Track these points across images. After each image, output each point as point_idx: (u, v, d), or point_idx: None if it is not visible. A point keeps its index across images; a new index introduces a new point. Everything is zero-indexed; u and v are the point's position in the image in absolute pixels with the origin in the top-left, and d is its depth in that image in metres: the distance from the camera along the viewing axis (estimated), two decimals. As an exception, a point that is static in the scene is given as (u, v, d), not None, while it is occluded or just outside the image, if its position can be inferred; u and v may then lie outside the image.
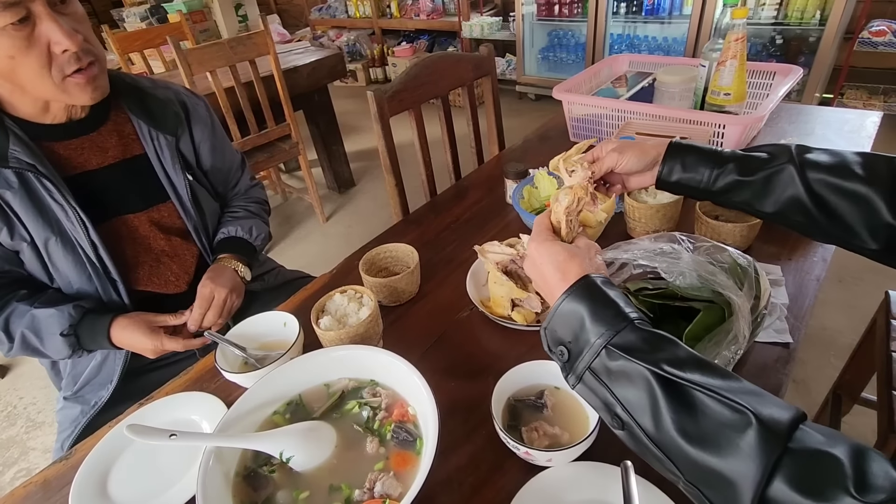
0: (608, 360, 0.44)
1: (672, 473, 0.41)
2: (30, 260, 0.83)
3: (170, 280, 0.95)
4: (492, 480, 0.58)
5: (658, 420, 0.40)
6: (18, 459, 1.66)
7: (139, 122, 0.89)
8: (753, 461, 0.35)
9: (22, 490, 0.65)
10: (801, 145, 0.59)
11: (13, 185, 0.77)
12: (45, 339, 0.82)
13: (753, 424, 0.36)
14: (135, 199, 0.91)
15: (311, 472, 0.57)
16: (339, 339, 0.70)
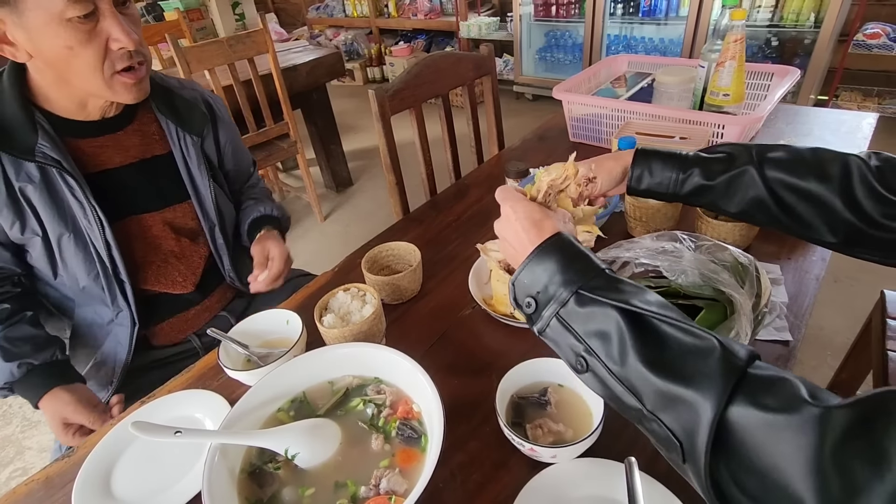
0: (577, 305, 0.45)
1: (633, 408, 0.42)
2: (38, 254, 0.83)
3: (177, 280, 0.95)
4: (496, 477, 0.58)
5: (624, 354, 0.42)
6: (14, 459, 1.65)
7: (167, 121, 0.90)
8: (715, 384, 0.37)
9: (24, 488, 0.65)
10: (760, 145, 0.62)
11: (34, 179, 0.77)
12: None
13: (717, 350, 0.39)
14: (151, 199, 0.91)
15: (317, 468, 0.57)
16: (342, 337, 0.70)
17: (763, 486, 0.35)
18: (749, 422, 0.35)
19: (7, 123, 0.75)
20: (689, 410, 0.38)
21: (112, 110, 0.85)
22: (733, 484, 0.36)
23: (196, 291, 0.98)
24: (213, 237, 0.98)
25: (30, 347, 0.83)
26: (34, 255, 0.84)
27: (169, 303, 0.96)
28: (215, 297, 1.03)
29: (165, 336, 0.98)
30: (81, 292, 0.88)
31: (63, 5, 0.66)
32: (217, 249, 1.00)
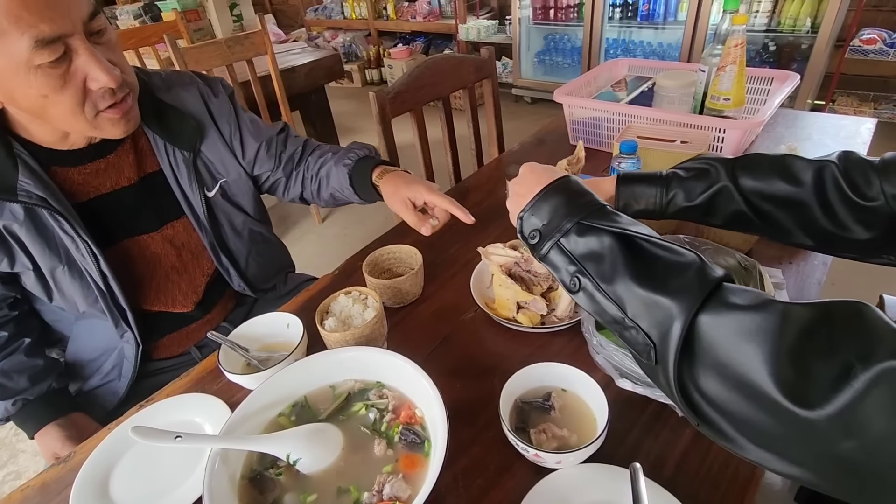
0: (577, 234, 0.50)
1: (616, 318, 0.46)
2: (32, 283, 0.80)
3: (177, 298, 0.91)
4: (500, 483, 0.58)
5: (613, 272, 0.47)
6: (7, 462, 1.63)
7: (154, 136, 0.83)
8: (690, 291, 0.41)
9: (19, 494, 0.63)
10: (735, 159, 0.66)
11: (19, 216, 0.73)
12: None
13: (696, 263, 0.44)
14: (148, 219, 0.86)
15: (319, 474, 0.56)
16: (344, 341, 0.69)
17: (726, 383, 0.38)
18: (716, 323, 0.39)
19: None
20: (664, 314, 0.42)
21: (98, 137, 0.78)
22: (698, 386, 0.40)
23: (197, 308, 0.94)
24: (214, 252, 0.92)
25: (26, 379, 0.82)
26: (28, 284, 0.81)
27: (169, 320, 0.93)
28: (216, 311, 0.99)
29: (165, 350, 0.95)
30: (81, 315, 0.86)
31: (29, 53, 0.59)
32: (221, 261, 0.94)
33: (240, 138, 0.93)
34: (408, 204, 0.84)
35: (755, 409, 0.36)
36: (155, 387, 0.77)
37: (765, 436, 0.37)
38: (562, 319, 0.75)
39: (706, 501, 0.53)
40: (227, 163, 0.92)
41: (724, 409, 0.39)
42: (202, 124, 0.89)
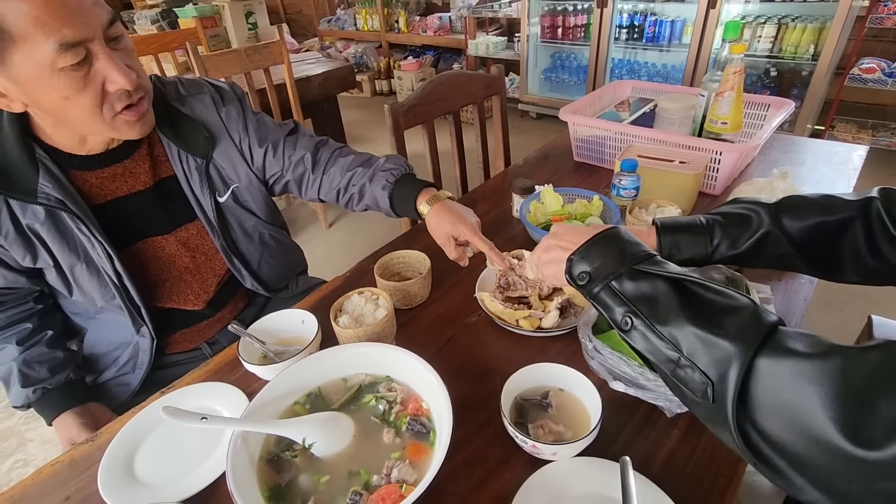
0: (628, 278, 0.53)
1: (670, 358, 0.48)
2: (53, 278, 0.85)
3: (189, 298, 0.95)
4: (498, 473, 0.62)
5: (668, 313, 0.48)
6: (16, 450, 1.67)
7: (169, 143, 0.87)
8: (748, 333, 0.43)
9: (49, 468, 0.68)
10: (777, 203, 0.67)
11: (40, 217, 0.77)
12: (9, 391, 0.88)
13: (751, 307, 0.45)
14: (162, 222, 0.90)
15: (332, 458, 0.61)
16: (356, 337, 0.74)
17: (786, 424, 0.39)
18: (776, 365, 0.40)
19: (8, 165, 0.74)
20: (722, 354, 0.43)
21: (115, 142, 0.83)
22: (757, 427, 0.41)
23: (208, 307, 0.98)
24: (226, 254, 0.96)
25: (46, 370, 0.87)
26: (50, 279, 0.85)
27: (181, 317, 0.97)
28: (227, 310, 1.04)
29: (177, 345, 1.00)
30: (99, 310, 0.90)
31: (53, 56, 0.63)
32: (234, 263, 0.98)
33: (248, 144, 0.96)
34: (451, 240, 0.87)
35: (816, 451, 0.37)
36: (167, 380, 0.82)
37: (825, 477, 0.37)
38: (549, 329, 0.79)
39: (690, 496, 0.57)
40: (238, 169, 0.95)
41: (783, 450, 0.39)
42: (214, 133, 0.92)
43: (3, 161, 0.74)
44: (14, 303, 0.88)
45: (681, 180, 1.07)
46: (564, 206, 1.08)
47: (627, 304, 0.51)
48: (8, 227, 0.77)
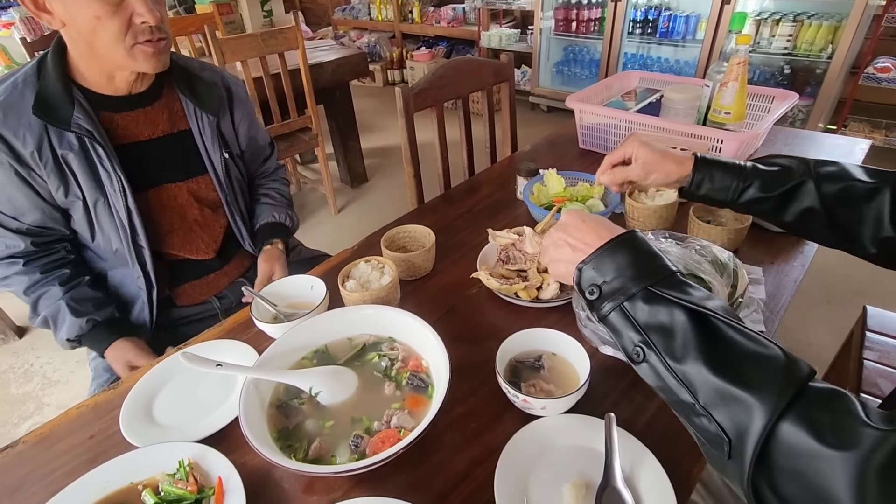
0: (643, 301, 0.47)
1: (684, 403, 0.44)
2: (79, 217, 0.92)
3: (200, 247, 1.05)
4: (491, 427, 0.66)
5: (685, 351, 0.43)
6: (33, 414, 1.74)
7: (187, 101, 0.98)
8: (774, 391, 0.39)
9: (75, 411, 0.73)
10: (817, 160, 0.67)
11: (74, 147, 0.86)
12: (57, 331, 0.94)
13: (781, 359, 0.40)
14: (177, 171, 1.00)
15: (336, 406, 0.65)
16: (362, 301, 0.78)
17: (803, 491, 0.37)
18: (800, 433, 0.37)
19: (50, 97, 0.83)
20: (744, 411, 0.39)
21: (138, 86, 0.92)
22: (773, 488, 0.38)
23: (216, 258, 1.08)
24: (230, 208, 1.07)
25: (92, 306, 0.94)
26: (76, 219, 0.92)
27: (192, 268, 1.07)
28: (234, 265, 1.14)
29: (188, 297, 1.08)
30: (114, 255, 0.97)
31: None
32: (234, 220, 1.09)
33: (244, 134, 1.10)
34: None
35: None
36: (180, 335, 0.88)
37: None
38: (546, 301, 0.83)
39: (670, 452, 0.61)
40: (232, 142, 1.08)
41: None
42: (224, 97, 1.04)
43: (46, 94, 0.83)
44: (49, 250, 0.94)
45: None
46: (567, 189, 1.11)
47: (640, 332, 0.47)
48: (47, 157, 0.85)
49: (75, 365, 1.93)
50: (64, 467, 0.65)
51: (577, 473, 0.58)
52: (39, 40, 2.48)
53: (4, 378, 1.90)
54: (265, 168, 1.22)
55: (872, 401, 1.01)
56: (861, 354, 1.09)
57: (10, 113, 0.82)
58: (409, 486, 0.60)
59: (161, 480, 0.60)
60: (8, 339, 2.05)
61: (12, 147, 0.82)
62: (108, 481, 0.60)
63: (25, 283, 0.91)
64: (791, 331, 1.85)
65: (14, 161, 0.83)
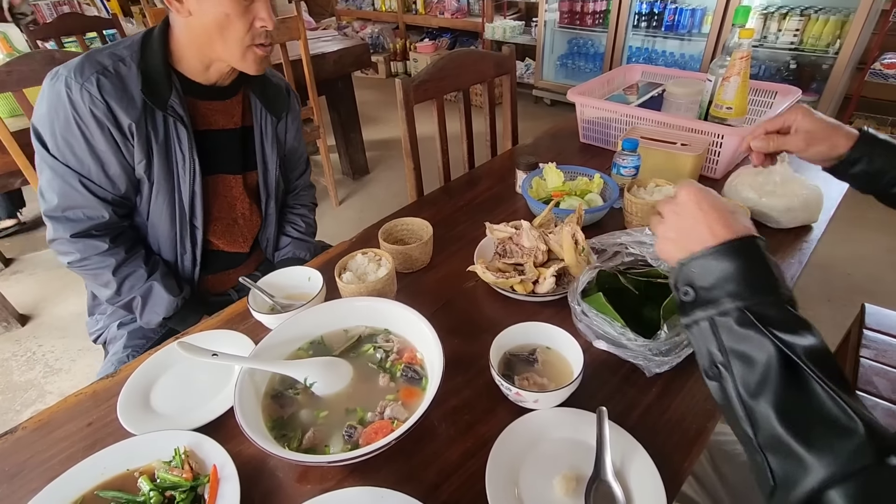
0: (736, 322, 0.44)
1: (743, 433, 0.43)
2: (145, 192, 0.94)
3: (238, 241, 1.09)
4: (484, 419, 0.67)
5: (760, 389, 0.41)
6: (35, 401, 1.76)
7: (256, 101, 1.03)
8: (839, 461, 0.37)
9: (74, 398, 0.74)
10: None
11: (159, 126, 0.90)
12: (146, 310, 0.97)
13: (861, 434, 0.37)
14: (236, 163, 1.04)
15: (331, 396, 0.66)
16: (358, 293, 0.79)
17: None
18: None
19: (154, 76, 0.88)
20: (799, 467, 0.38)
21: (227, 79, 0.97)
22: None
23: (249, 253, 1.13)
24: (267, 207, 1.12)
25: (175, 284, 0.99)
26: (143, 194, 0.94)
27: (224, 259, 1.10)
28: (254, 258, 1.18)
29: (211, 286, 1.11)
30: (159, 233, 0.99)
31: None
32: (267, 217, 1.13)
33: (290, 141, 1.15)
34: None
35: None
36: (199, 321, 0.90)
37: None
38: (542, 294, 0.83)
39: (661, 446, 0.61)
40: (282, 147, 1.13)
41: None
42: (287, 103, 1.10)
43: (151, 75, 0.88)
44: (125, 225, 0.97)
45: (681, 162, 1.09)
46: (566, 183, 1.11)
47: (723, 353, 0.44)
48: (142, 131, 0.88)
49: (77, 353, 1.94)
50: (62, 454, 0.66)
51: (567, 466, 0.59)
52: (41, 28, 2.47)
53: (7, 365, 1.92)
54: (298, 183, 1.24)
55: (867, 399, 1.01)
56: (858, 353, 1.09)
57: (116, 84, 0.85)
58: (402, 476, 0.60)
59: (157, 468, 0.60)
60: (11, 327, 2.07)
61: (115, 115, 0.85)
62: (105, 468, 0.61)
63: (114, 263, 0.94)
64: (790, 328, 1.84)
65: (114, 128, 0.86)
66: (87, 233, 0.92)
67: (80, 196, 0.89)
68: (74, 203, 0.90)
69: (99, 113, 0.84)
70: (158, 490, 0.57)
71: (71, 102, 0.83)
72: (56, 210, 0.90)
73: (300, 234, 1.21)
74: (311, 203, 1.27)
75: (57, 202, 0.89)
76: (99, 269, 0.93)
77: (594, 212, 1.00)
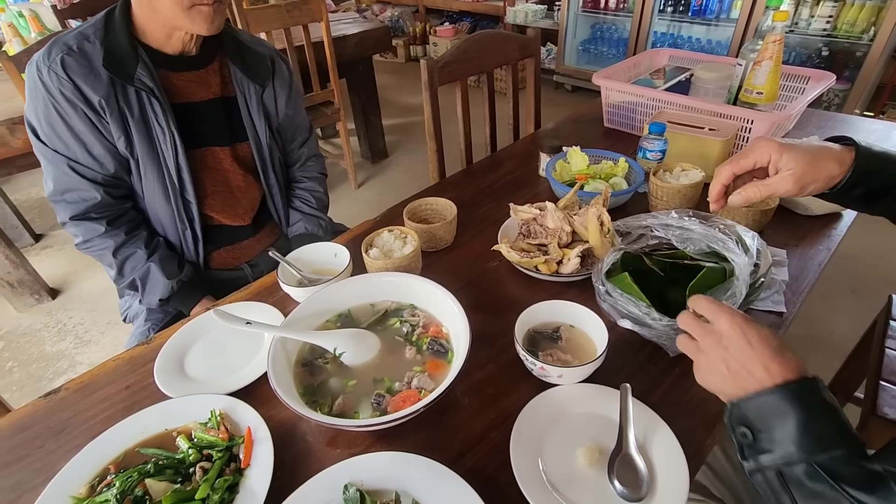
0: (805, 475, 0.42)
1: None
2: (134, 171, 0.96)
3: (238, 213, 1.09)
4: (508, 393, 0.68)
5: None
6: (67, 370, 1.83)
7: (235, 69, 1.02)
8: None
9: (112, 363, 0.77)
10: None
11: (132, 103, 0.90)
12: (146, 292, 1.00)
13: None
14: (223, 135, 1.04)
15: (359, 367, 0.68)
16: (384, 268, 0.80)
17: None
18: None
19: (118, 52, 0.88)
20: None
21: (191, 47, 0.95)
22: None
23: (251, 225, 1.12)
24: (265, 177, 1.11)
25: (175, 266, 1.01)
26: (133, 173, 0.96)
27: (227, 233, 1.10)
28: (264, 233, 1.17)
29: (222, 261, 1.12)
30: (161, 216, 1.01)
31: None
32: (269, 188, 1.12)
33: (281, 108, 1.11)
34: None
35: None
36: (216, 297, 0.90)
37: None
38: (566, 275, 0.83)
39: (683, 424, 0.62)
40: (272, 115, 1.10)
41: None
42: (270, 69, 1.07)
43: (114, 48, 0.88)
44: (122, 206, 0.99)
45: (708, 147, 1.08)
46: (590, 166, 1.10)
47: None
48: (113, 107, 0.89)
49: (105, 326, 2.01)
50: (102, 413, 0.69)
51: (591, 439, 0.60)
52: (69, 8, 2.51)
53: (39, 336, 1.99)
54: (301, 153, 1.21)
55: (892, 389, 1.01)
56: (884, 343, 1.08)
57: (81, 62, 0.86)
58: (428, 444, 0.62)
59: (194, 428, 0.63)
60: (42, 300, 2.14)
61: (83, 93, 0.86)
62: (145, 427, 0.64)
63: (113, 245, 0.96)
64: (814, 320, 1.82)
65: (85, 106, 0.87)
66: (85, 215, 0.95)
67: (71, 179, 0.92)
68: (68, 186, 0.93)
69: (68, 93, 0.85)
70: (197, 448, 0.60)
71: (44, 86, 0.85)
72: (55, 195, 0.94)
73: (311, 210, 1.20)
74: (320, 174, 1.24)
75: (53, 187, 0.93)
76: (101, 250, 0.97)
77: (619, 195, 1.00)
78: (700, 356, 0.53)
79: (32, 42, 2.15)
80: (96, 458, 0.60)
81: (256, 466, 0.58)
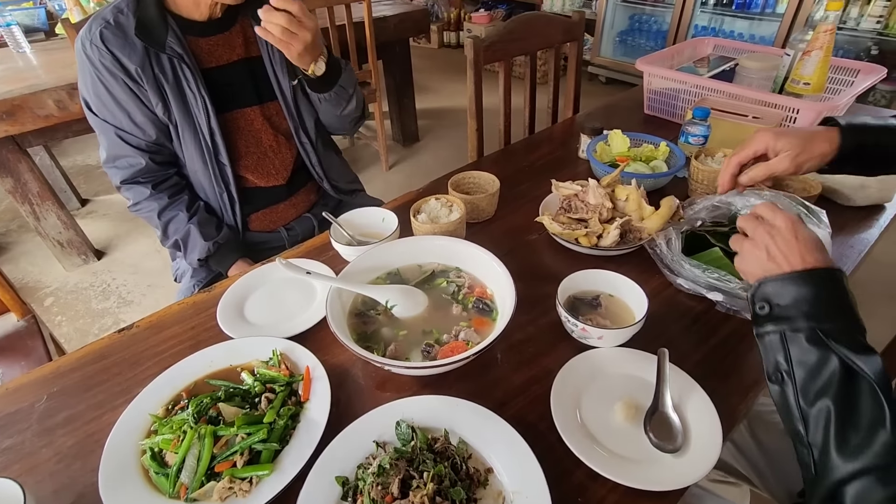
0: (806, 338, 0.49)
1: (796, 430, 0.49)
2: (174, 136, 1.01)
3: (271, 173, 1.12)
4: (548, 353, 0.72)
5: (819, 396, 0.47)
6: (111, 328, 1.94)
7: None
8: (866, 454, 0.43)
9: (177, 307, 0.83)
10: None
11: (167, 70, 0.95)
12: (187, 252, 1.06)
13: None
14: (251, 95, 1.06)
15: (409, 319, 0.72)
16: (431, 232, 0.84)
17: None
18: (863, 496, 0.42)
19: (149, 21, 0.93)
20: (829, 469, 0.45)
21: (217, 11, 0.98)
22: None
23: (286, 186, 1.15)
24: (298, 136, 1.12)
25: (214, 229, 1.06)
26: (173, 139, 1.01)
27: (263, 196, 1.14)
28: (301, 196, 1.20)
29: (259, 223, 1.17)
30: (201, 180, 1.06)
31: None
32: (303, 148, 1.14)
33: None
34: None
35: None
36: (254, 260, 0.97)
37: None
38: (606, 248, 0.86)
39: (716, 389, 0.64)
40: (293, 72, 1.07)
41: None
42: None
43: (145, 18, 0.92)
44: (167, 172, 1.05)
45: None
46: (630, 149, 1.12)
47: (788, 363, 0.49)
48: (149, 75, 0.94)
49: (147, 289, 2.11)
50: (172, 349, 0.75)
51: (628, 395, 0.63)
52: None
53: (86, 294, 2.10)
54: None
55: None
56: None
57: (117, 33, 0.91)
58: (472, 393, 0.66)
59: (256, 366, 0.69)
60: (88, 260, 2.26)
61: (122, 63, 0.92)
62: (212, 361, 0.70)
63: (157, 208, 1.03)
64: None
65: (125, 76, 0.93)
66: (133, 179, 1.02)
67: (120, 147, 0.99)
68: (119, 153, 1.00)
69: (108, 64, 0.91)
70: (261, 382, 0.65)
71: (89, 60, 0.92)
72: (108, 161, 1.03)
73: None
74: None
75: (106, 154, 1.02)
76: (148, 212, 1.04)
77: (658, 177, 1.01)
78: (746, 243, 0.59)
79: (91, 11, 2.24)
80: (170, 384, 0.67)
81: (315, 400, 0.63)
